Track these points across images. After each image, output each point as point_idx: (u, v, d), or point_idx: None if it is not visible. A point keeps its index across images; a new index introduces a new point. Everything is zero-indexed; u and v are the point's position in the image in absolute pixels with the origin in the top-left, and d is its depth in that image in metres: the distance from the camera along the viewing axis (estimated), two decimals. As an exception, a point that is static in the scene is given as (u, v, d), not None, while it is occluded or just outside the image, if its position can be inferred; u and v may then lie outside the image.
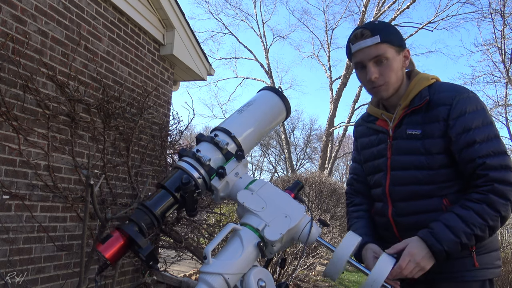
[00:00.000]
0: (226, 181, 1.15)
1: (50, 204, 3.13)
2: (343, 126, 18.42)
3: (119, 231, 1.03)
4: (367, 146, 1.64)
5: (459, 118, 1.38)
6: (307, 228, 1.11)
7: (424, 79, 1.50)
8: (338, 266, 1.17)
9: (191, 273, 5.54)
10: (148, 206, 1.08)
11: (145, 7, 4.16)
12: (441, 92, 1.44)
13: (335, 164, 22.99)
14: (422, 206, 1.43)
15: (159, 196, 1.11)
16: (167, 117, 4.70)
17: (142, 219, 1.05)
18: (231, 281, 1.01)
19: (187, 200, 1.10)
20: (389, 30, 1.46)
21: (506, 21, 14.10)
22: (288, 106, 1.36)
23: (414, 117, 1.47)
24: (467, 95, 1.42)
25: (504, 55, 14.23)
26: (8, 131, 2.80)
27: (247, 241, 1.05)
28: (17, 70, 2.81)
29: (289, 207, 1.12)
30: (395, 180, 1.49)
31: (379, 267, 1.19)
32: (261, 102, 1.34)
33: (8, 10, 2.77)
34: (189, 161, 1.14)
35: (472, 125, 1.37)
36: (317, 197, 9.35)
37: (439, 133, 1.41)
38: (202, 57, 5.16)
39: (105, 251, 1.01)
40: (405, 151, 1.47)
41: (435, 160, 1.41)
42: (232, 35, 23.30)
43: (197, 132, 12.18)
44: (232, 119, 1.30)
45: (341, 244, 1.18)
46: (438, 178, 1.41)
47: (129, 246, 1.03)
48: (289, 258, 5.08)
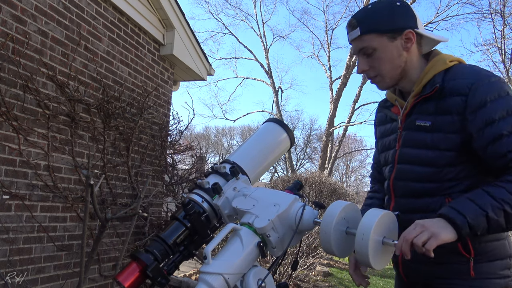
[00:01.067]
0: (225, 197, 1.18)
1: (50, 204, 3.13)
2: (343, 126, 18.43)
3: (135, 260, 1.10)
4: (382, 135, 1.54)
5: (479, 110, 1.20)
6: (300, 212, 1.09)
7: (440, 63, 1.32)
8: (327, 235, 1.04)
9: (191, 273, 5.54)
10: (162, 237, 1.14)
11: (145, 7, 4.16)
12: (457, 79, 1.26)
13: (335, 164, 22.99)
14: (423, 204, 1.31)
15: (172, 227, 1.17)
16: (167, 117, 4.70)
17: (157, 248, 1.12)
18: (231, 281, 1.01)
19: (195, 224, 1.15)
20: (375, 18, 1.31)
21: (506, 21, 14.13)
22: (290, 134, 1.41)
23: (425, 106, 1.31)
24: (487, 80, 1.22)
25: (504, 55, 14.24)
26: (8, 131, 2.80)
27: (247, 241, 1.05)
28: (17, 70, 2.81)
29: (278, 197, 1.14)
30: (399, 174, 1.39)
31: (365, 218, 1.03)
32: (262, 132, 1.42)
33: (8, 10, 2.77)
34: (194, 191, 1.23)
35: (496, 116, 1.19)
36: (317, 197, 9.35)
37: (450, 128, 1.25)
38: (202, 57, 5.16)
39: (125, 281, 1.07)
40: (413, 144, 1.34)
41: (442, 157, 1.27)
42: (232, 35, 23.37)
43: (197, 132, 11.95)
44: (236, 151, 1.38)
45: (326, 211, 1.08)
46: (443, 176, 1.28)
47: (146, 274, 1.09)
48: (289, 258, 5.08)
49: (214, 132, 34.94)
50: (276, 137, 1.40)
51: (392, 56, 1.32)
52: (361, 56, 1.35)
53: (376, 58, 1.32)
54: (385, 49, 1.31)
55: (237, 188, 1.20)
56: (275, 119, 1.45)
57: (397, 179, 1.39)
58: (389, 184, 1.43)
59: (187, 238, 1.17)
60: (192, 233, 1.17)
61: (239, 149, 1.38)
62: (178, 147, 4.83)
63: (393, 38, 1.31)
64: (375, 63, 1.34)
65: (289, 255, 5.06)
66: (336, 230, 1.05)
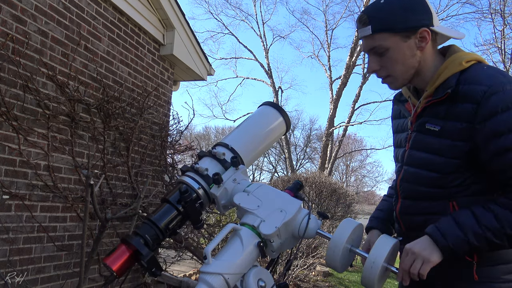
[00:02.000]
0: (224, 188, 1.17)
1: (50, 204, 3.13)
2: (343, 126, 18.42)
3: (125, 244, 1.06)
4: (397, 130, 1.48)
5: (489, 120, 1.14)
6: (305, 221, 1.11)
7: (456, 63, 1.23)
8: (335, 253, 1.11)
9: (191, 273, 5.54)
10: (153, 220, 1.10)
11: (145, 7, 4.16)
12: (471, 83, 1.18)
13: (335, 164, 22.98)
14: (427, 208, 1.28)
15: (163, 210, 1.13)
16: (167, 117, 4.70)
17: (148, 232, 1.08)
18: (231, 281, 1.01)
19: (189, 211, 1.12)
20: (388, 15, 1.22)
21: (506, 21, 14.13)
22: (286, 118, 1.37)
23: (437, 109, 1.25)
24: (501, 88, 1.14)
25: (504, 55, 14.25)
26: (8, 131, 2.80)
27: (247, 241, 1.05)
28: (17, 70, 2.81)
29: (284, 202, 1.13)
30: (406, 176, 1.35)
31: (377, 246, 1.13)
32: (257, 115, 1.38)
33: (8, 10, 2.77)
34: (189, 174, 1.18)
35: (505, 128, 1.12)
36: (317, 197, 9.35)
37: (459, 136, 1.19)
38: (202, 57, 5.16)
39: (112, 263, 1.03)
40: (421, 147, 1.29)
41: (448, 164, 1.22)
42: (232, 35, 23.37)
43: (197, 132, 11.95)
44: (230, 133, 1.34)
45: (337, 230, 1.14)
46: (449, 182, 1.23)
47: (135, 258, 1.05)
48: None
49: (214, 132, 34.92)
50: (271, 121, 1.35)
51: (405, 56, 1.24)
52: (372, 55, 1.28)
53: (388, 58, 1.25)
54: (398, 49, 1.23)
55: (237, 180, 1.18)
56: (271, 103, 1.40)
57: (404, 181, 1.36)
58: (396, 184, 1.41)
59: (178, 223, 1.14)
60: (184, 218, 1.14)
61: (234, 132, 1.34)
62: (178, 147, 4.83)
63: (407, 37, 1.22)
64: (387, 63, 1.26)
65: (289, 255, 5.05)
66: (344, 249, 1.12)
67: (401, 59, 1.24)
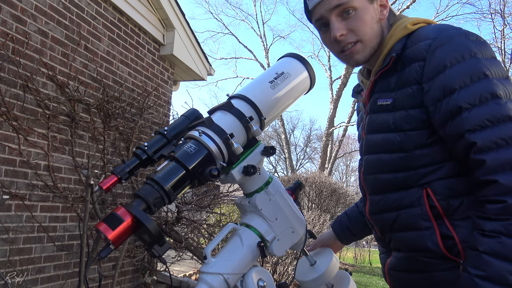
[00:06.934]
0: None
1: (50, 204, 3.13)
2: (343, 126, 18.43)
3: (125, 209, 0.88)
4: (357, 126, 1.33)
5: (437, 77, 0.98)
6: (303, 239, 1.18)
7: (400, 28, 1.09)
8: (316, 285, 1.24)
9: (191, 273, 5.54)
10: (157, 180, 0.91)
11: (145, 7, 4.16)
12: (418, 42, 1.04)
13: (335, 164, 23.00)
14: (397, 200, 1.08)
15: (170, 168, 0.94)
16: (167, 117, 4.71)
17: (151, 195, 0.89)
18: (231, 281, 1.01)
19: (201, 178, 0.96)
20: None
21: (506, 21, 14.14)
22: (311, 73, 1.22)
23: (386, 81, 1.10)
24: (449, 39, 0.98)
25: (504, 55, 14.25)
26: (8, 131, 2.80)
27: (247, 241, 1.05)
28: (17, 70, 2.81)
29: (296, 221, 1.15)
30: (367, 166, 1.17)
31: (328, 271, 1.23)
32: (294, 77, 1.19)
33: (8, 10, 2.77)
34: (210, 134, 0.99)
35: (456, 84, 0.95)
36: (317, 197, 9.36)
37: (411, 103, 1.02)
38: (202, 57, 5.16)
39: (107, 231, 0.83)
40: (376, 128, 1.12)
41: (408, 139, 1.03)
42: (232, 35, 23.43)
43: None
44: (266, 94, 1.13)
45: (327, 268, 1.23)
46: (415, 162, 1.03)
47: (136, 227, 0.86)
48: (289, 258, 5.08)
49: (214, 132, 34.86)
50: (295, 75, 1.18)
51: (371, 19, 1.10)
52: (335, 17, 1.09)
53: (357, 19, 1.08)
54: (366, 9, 1.08)
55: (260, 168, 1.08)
56: (294, 54, 1.22)
57: (367, 173, 1.18)
58: (360, 180, 1.22)
59: (183, 183, 0.95)
60: (192, 183, 0.97)
61: (270, 96, 1.13)
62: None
63: (371, 0, 1.10)
64: (356, 25, 1.08)
65: (289, 255, 5.06)
66: None
67: (370, 22, 1.09)
